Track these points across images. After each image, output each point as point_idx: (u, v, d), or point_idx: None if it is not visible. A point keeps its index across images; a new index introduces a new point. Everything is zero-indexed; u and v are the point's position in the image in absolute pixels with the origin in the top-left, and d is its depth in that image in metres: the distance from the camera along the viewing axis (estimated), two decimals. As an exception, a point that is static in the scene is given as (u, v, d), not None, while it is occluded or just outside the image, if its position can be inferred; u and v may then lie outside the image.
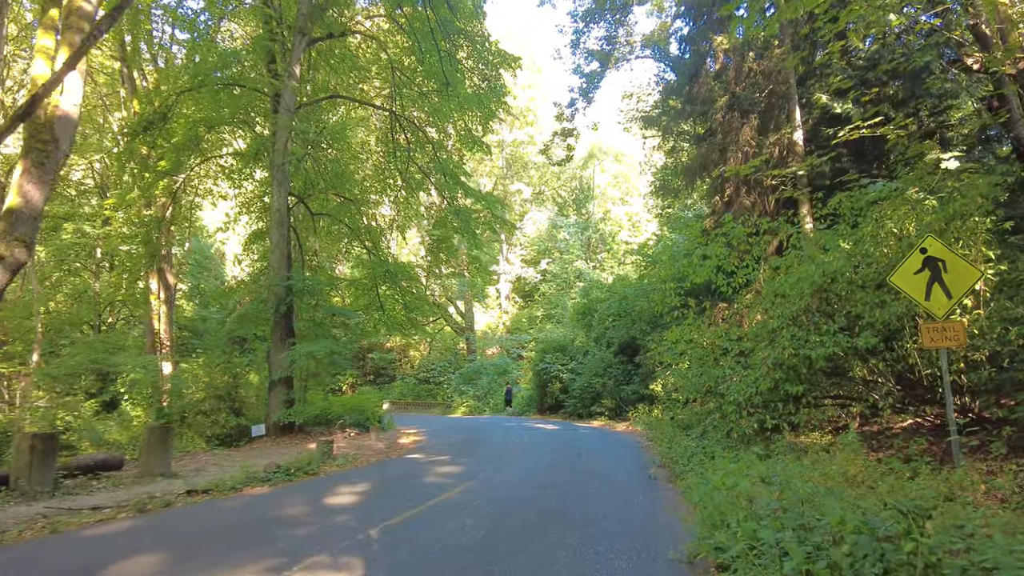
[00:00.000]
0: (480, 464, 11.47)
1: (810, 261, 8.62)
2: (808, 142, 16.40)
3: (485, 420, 27.83)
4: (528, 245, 57.23)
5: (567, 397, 25.33)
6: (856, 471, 6.32)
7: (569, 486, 8.53)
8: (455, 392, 38.41)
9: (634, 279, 27.74)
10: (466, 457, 12.94)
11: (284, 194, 18.76)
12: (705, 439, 9.26)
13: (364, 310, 24.01)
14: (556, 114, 28.57)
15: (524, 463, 11.44)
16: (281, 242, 18.65)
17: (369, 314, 22.20)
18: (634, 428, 18.16)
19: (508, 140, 47.49)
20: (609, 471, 10.10)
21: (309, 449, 14.18)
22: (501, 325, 52.36)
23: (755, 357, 8.77)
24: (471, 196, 20.51)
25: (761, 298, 9.60)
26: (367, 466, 12.35)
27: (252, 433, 16.80)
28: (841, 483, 5.88)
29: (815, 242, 9.04)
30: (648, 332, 19.06)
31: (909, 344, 8.55)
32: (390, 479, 9.87)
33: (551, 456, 12.42)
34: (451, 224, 20.97)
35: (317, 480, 9.97)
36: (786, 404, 8.23)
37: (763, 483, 6.01)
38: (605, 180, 60.27)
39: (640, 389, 21.07)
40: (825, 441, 10.28)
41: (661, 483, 8.69)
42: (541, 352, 28.41)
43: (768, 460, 7.44)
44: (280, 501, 7.79)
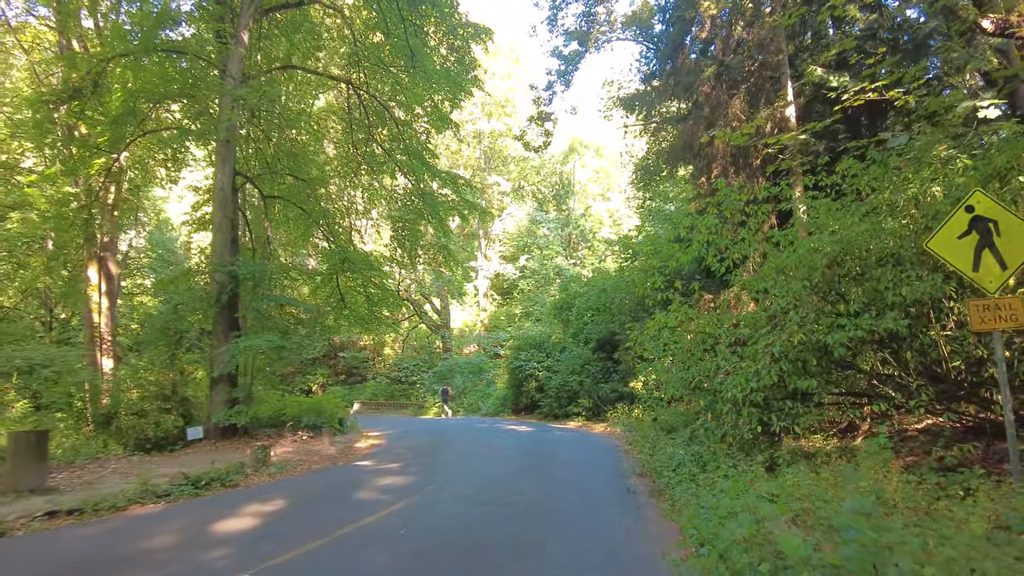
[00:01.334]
0: (434, 473, 9.89)
1: (820, 231, 7.17)
2: (801, 120, 15.12)
3: (457, 421, 26.19)
4: (507, 241, 55.69)
5: (543, 396, 23.80)
6: (892, 489, 4.85)
7: (532, 503, 6.99)
8: (428, 392, 36.69)
9: (614, 273, 26.35)
10: (422, 464, 11.34)
11: (228, 172, 16.93)
12: (695, 444, 7.79)
13: (324, 303, 22.28)
14: (533, 98, 27.07)
15: (485, 471, 9.88)
16: (224, 224, 16.82)
17: (330, 308, 20.42)
18: (612, 429, 16.70)
19: (486, 131, 45.82)
20: (581, 480, 8.60)
21: (247, 455, 12.48)
22: (479, 323, 50.74)
23: (753, 346, 7.31)
24: (438, 178, 18.86)
25: (760, 277, 8.14)
26: (304, 475, 10.68)
27: (188, 436, 14.99)
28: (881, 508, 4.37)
29: (825, 210, 7.59)
30: (628, 326, 17.62)
31: (935, 331, 7.17)
32: (318, 493, 8.24)
33: (518, 463, 10.88)
34: (416, 208, 19.30)
35: (230, 495, 8.29)
36: (793, 402, 6.76)
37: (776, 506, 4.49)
38: (586, 176, 59.00)
39: (619, 387, 19.63)
40: (830, 446, 8.89)
41: (642, 498, 7.20)
42: (516, 349, 26.84)
43: (775, 472, 5.96)
44: (157, 526, 6.13)
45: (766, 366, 6.54)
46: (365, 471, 10.82)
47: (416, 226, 19.69)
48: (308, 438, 17.30)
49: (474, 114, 44.80)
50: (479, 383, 35.67)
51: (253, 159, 20.46)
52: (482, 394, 33.77)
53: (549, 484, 8.38)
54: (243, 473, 10.60)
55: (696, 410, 8.06)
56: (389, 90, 19.23)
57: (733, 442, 7.14)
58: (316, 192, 18.77)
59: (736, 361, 7.33)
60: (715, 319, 8.41)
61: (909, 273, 6.71)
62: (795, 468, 6.40)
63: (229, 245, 16.97)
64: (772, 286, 7.43)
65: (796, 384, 6.43)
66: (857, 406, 8.78)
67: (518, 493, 7.64)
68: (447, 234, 20.07)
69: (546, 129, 27.41)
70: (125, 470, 10.23)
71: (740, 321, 8.06)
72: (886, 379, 8.50)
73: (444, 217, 19.45)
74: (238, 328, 16.61)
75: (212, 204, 17.59)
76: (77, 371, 16.75)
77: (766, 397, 6.68)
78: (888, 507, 4.61)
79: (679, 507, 5.87)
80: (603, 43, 26.21)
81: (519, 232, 55.43)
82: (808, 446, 9.21)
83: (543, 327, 33.10)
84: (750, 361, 7.03)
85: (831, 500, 4.65)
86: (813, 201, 7.61)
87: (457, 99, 18.88)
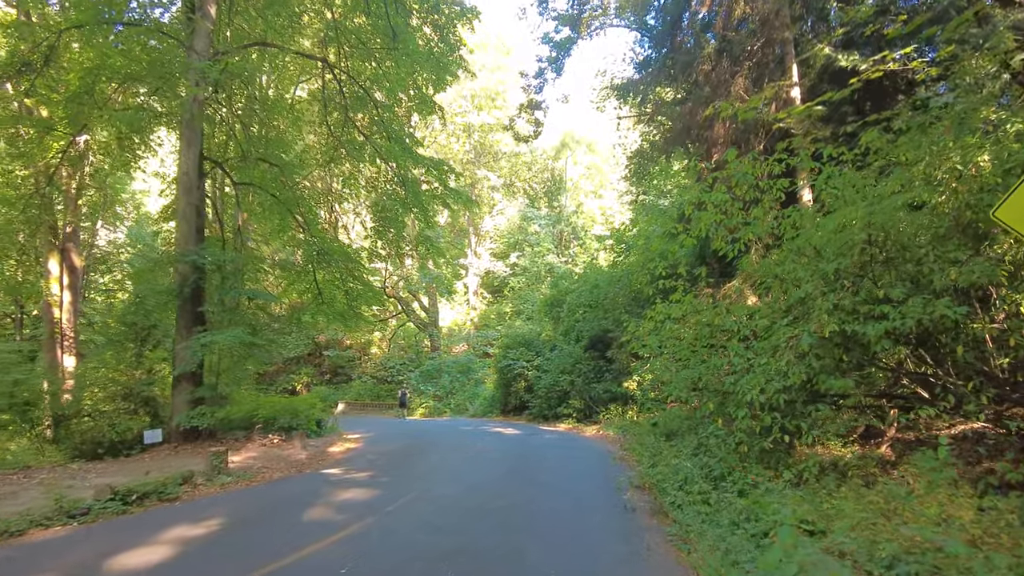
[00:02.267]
0: (404, 484, 8.77)
1: (850, 204, 6.10)
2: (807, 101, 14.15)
3: (443, 423, 25.05)
4: (498, 238, 54.58)
5: (532, 397, 22.69)
6: (968, 518, 3.79)
7: (510, 529, 5.88)
8: (414, 392, 35.48)
9: (606, 268, 25.28)
10: (393, 474, 10.21)
11: (194, 156, 15.71)
12: (704, 454, 6.71)
13: (300, 298, 21.09)
14: (523, 85, 25.94)
15: (462, 482, 8.77)
16: (189, 212, 15.61)
17: (305, 302, 19.23)
18: (605, 432, 15.62)
19: (476, 124, 44.62)
20: (571, 494, 7.50)
21: (203, 462, 11.29)
22: (469, 321, 49.61)
23: (769, 340, 6.24)
24: (421, 165, 17.69)
25: (777, 261, 7.07)
26: (260, 486, 9.53)
27: (145, 440, 13.78)
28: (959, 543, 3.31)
29: (849, 185, 6.52)
30: (624, 320, 16.53)
31: (980, 323, 6.14)
32: (264, 511, 7.08)
33: (500, 471, 9.78)
34: (398, 197, 18.12)
35: (161, 512, 7.12)
36: (821, 405, 5.70)
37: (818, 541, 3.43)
38: (578, 172, 57.93)
39: (612, 387, 18.56)
40: (849, 454, 7.85)
41: (643, 517, 6.11)
42: (505, 348, 25.70)
43: (805, 492, 4.90)
44: (40, 559, 4.97)
45: (791, 363, 5.46)
46: (330, 481, 9.67)
47: (398, 217, 18.49)
48: (280, 441, 16.12)
49: (463, 107, 43.64)
50: (467, 383, 34.52)
51: (229, 146, 19.22)
52: (470, 394, 32.64)
53: (535, 500, 7.29)
54: (192, 483, 9.44)
55: (704, 413, 6.98)
56: (371, 73, 18.06)
57: (749, 452, 6.06)
58: (291, 180, 17.52)
59: (752, 357, 6.25)
60: (724, 310, 7.33)
61: (955, 254, 5.68)
62: (825, 483, 5.34)
63: (194, 234, 15.75)
64: (792, 271, 6.36)
65: (828, 384, 5.36)
66: (879, 408, 7.74)
67: (498, 513, 6.54)
68: (431, 225, 18.90)
69: (536, 118, 26.30)
70: (54, 481, 9.02)
71: (755, 312, 6.99)
72: (916, 377, 7.48)
73: (428, 207, 18.27)
74: (203, 323, 15.40)
75: (176, 190, 16.33)
76: (21, 369, 15.38)
77: (790, 399, 5.61)
78: (966, 543, 3.55)
79: (691, 535, 4.78)
80: (596, 30, 25.13)
81: (510, 229, 54.32)
82: (825, 454, 8.18)
83: (533, 325, 32.02)
84: (768, 357, 5.96)
85: (891, 535, 3.58)
86: (830, 176, 6.52)
87: (442, 80, 17.72)
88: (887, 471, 6.78)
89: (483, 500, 7.34)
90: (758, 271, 7.50)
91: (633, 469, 9.44)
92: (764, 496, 4.91)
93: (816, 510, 4.28)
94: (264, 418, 17.64)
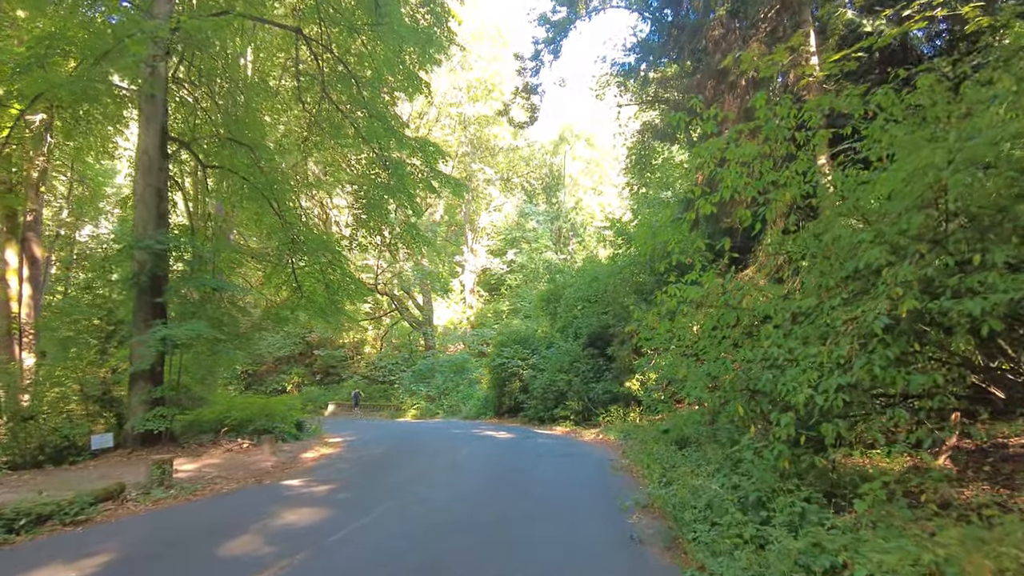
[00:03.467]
0: (364, 502, 7.37)
1: (917, 151, 4.69)
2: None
3: (432, 425, 23.63)
4: (494, 234, 53.22)
5: (527, 398, 21.28)
6: None
7: (487, 561, 4.49)
8: (406, 392, 34.07)
9: (606, 262, 23.87)
10: (358, 487, 8.82)
11: (155, 134, 14.33)
12: (733, 471, 5.29)
13: (278, 292, 19.69)
14: (518, 68, 24.57)
15: (435, 500, 7.37)
16: (148, 195, 14.21)
17: (284, 296, 17.85)
18: (605, 437, 14.20)
19: (472, 116, 43.16)
20: (564, 519, 6.10)
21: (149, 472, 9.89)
22: (465, 320, 48.23)
23: (819, 322, 4.85)
24: (405, 147, 16.28)
25: (815, 232, 5.67)
26: (202, 501, 8.13)
27: (92, 446, 12.37)
28: None
29: (907, 135, 5.09)
30: (627, 308, 15.10)
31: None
32: (175, 541, 5.66)
33: (484, 484, 8.39)
34: (380, 181, 16.71)
35: (52, 541, 5.71)
36: (897, 409, 4.30)
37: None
38: (577, 168, 56.54)
39: (613, 387, 17.15)
40: (897, 466, 6.47)
41: (653, 553, 4.72)
42: (499, 346, 24.27)
43: (881, 526, 3.49)
44: None
45: (856, 353, 4.06)
46: (284, 496, 8.28)
47: (382, 203, 17.06)
48: (249, 446, 14.73)
49: (458, 98, 42.23)
50: (462, 383, 33.08)
51: (199, 127, 17.79)
52: (464, 395, 31.20)
53: (520, 525, 5.89)
54: (121, 499, 8.04)
55: (731, 418, 5.58)
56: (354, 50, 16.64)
57: (792, 468, 4.66)
58: (266, 162, 16.10)
59: (793, 347, 4.85)
60: (752, 290, 5.92)
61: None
62: (896, 510, 3.93)
63: (155, 219, 14.33)
64: (845, 236, 4.96)
65: (912, 382, 3.95)
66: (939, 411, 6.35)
67: (471, 550, 5.14)
68: (417, 212, 17.47)
69: (532, 103, 24.95)
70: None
71: (794, 291, 5.58)
72: (988, 374, 6.09)
73: (413, 192, 16.86)
74: (164, 316, 13.98)
75: (134, 171, 14.92)
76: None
77: (853, 400, 4.20)
78: None
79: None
80: (595, 10, 23.77)
81: (507, 225, 52.96)
82: (863, 464, 6.77)
83: (530, 323, 30.63)
84: (818, 347, 4.56)
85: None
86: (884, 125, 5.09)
87: (428, 55, 16.32)
88: (959, 492, 5.40)
89: (465, 515, 5.98)
90: (794, 243, 6.09)
91: (638, 481, 8.06)
92: (827, 535, 3.51)
93: (915, 560, 2.89)
94: (237, 421, 16.30)
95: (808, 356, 4.48)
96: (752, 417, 5.17)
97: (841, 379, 4.01)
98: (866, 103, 5.31)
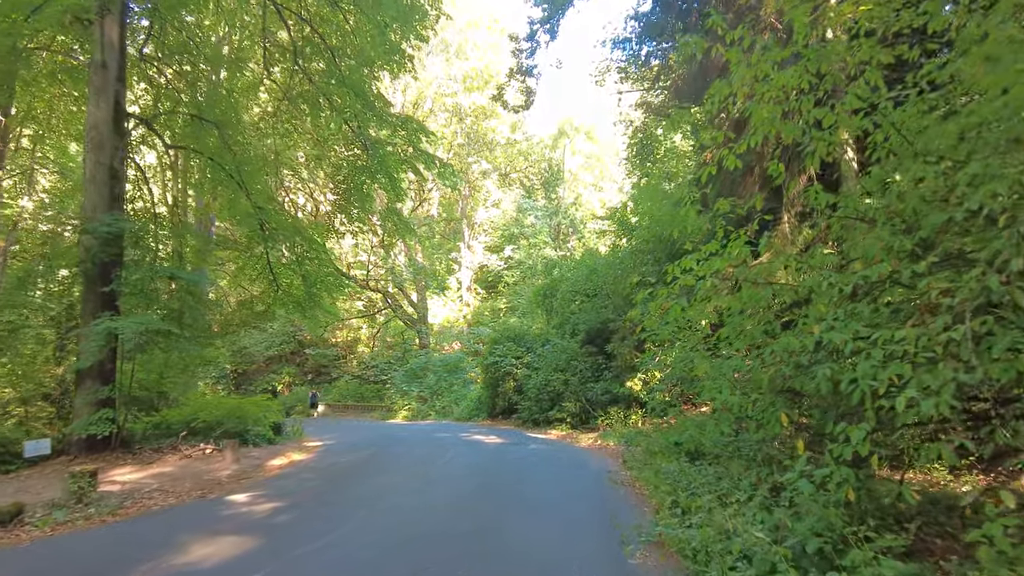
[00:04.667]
0: (306, 531, 5.99)
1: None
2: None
3: (420, 428, 22.25)
4: (492, 231, 51.85)
5: (522, 399, 19.88)
6: None
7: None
8: (397, 393, 32.69)
9: (605, 255, 22.46)
10: (308, 506, 7.45)
11: (106, 107, 12.95)
12: (776, 501, 3.89)
13: (253, 284, 18.34)
14: (512, 49, 23.17)
15: (386, 542, 5.98)
16: (99, 174, 12.84)
17: (251, 286, 16.47)
18: (604, 443, 12.80)
19: (467, 107, 41.70)
20: (547, 561, 4.72)
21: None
22: (462, 318, 46.86)
23: (890, 296, 3.47)
24: (386, 127, 14.90)
25: (888, 167, 4.29)
26: (122, 522, 6.79)
27: (25, 453, 10.98)
28: None
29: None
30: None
31: None
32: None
33: (451, 516, 7.01)
34: (360, 163, 15.32)
35: None
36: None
37: None
38: (577, 163, 55.09)
39: (613, 387, 15.75)
40: (967, 484, 5.15)
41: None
42: (492, 343, 22.88)
43: None
44: None
45: (969, 337, 2.68)
46: (219, 516, 6.92)
47: (361, 186, 15.65)
48: (213, 452, 13.36)
49: (453, 88, 40.77)
50: (455, 383, 31.66)
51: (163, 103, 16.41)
52: (457, 395, 29.79)
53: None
54: (19, 522, 6.67)
55: (763, 426, 4.18)
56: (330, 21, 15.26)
57: (861, 504, 3.27)
58: (234, 141, 14.72)
59: (860, 330, 3.46)
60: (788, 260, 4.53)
61: None
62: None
63: (107, 202, 12.97)
64: (936, 177, 3.58)
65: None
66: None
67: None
68: (400, 196, 16.06)
69: (528, 86, 23.56)
70: None
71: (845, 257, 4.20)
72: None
73: (396, 175, 15.46)
74: (114, 308, 12.59)
75: (83, 148, 13.54)
76: None
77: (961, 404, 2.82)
78: None
79: None
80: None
81: (505, 221, 51.57)
82: (926, 482, 5.41)
83: (526, 320, 29.24)
84: (904, 328, 3.17)
85: None
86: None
87: (410, 25, 14.93)
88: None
89: (418, 554, 4.61)
90: (854, 193, 4.69)
91: (642, 498, 6.67)
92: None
93: None
94: (205, 423, 14.96)
95: (889, 341, 3.10)
96: (796, 428, 3.79)
97: (963, 375, 2.63)
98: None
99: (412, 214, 40.67)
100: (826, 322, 3.80)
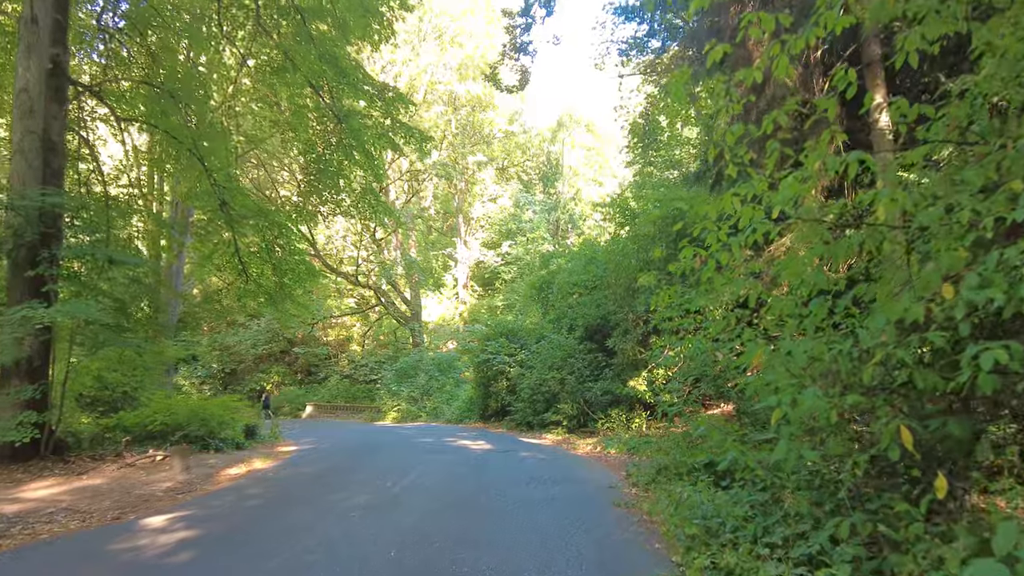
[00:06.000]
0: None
1: None
2: None
3: (406, 431, 20.67)
4: (489, 226, 50.28)
5: (515, 399, 18.31)
6: None
7: None
8: (386, 393, 31.11)
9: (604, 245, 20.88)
10: (230, 540, 5.90)
11: (38, 68, 11.38)
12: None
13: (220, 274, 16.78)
14: (506, 25, 21.60)
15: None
16: (29, 145, 11.26)
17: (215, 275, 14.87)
18: (604, 451, 11.20)
19: (463, 96, 40.05)
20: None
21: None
22: (458, 316, 45.32)
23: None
24: (363, 96, 13.33)
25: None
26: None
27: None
28: None
29: None
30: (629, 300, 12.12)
31: None
32: None
33: (417, 538, 5.44)
34: (335, 137, 13.74)
35: None
36: None
37: None
38: (577, 157, 53.45)
39: (614, 387, 14.16)
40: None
41: None
42: (483, 339, 21.29)
43: None
44: None
45: None
46: (99, 553, 5.37)
47: (332, 162, 14.05)
48: (163, 459, 11.77)
49: (446, 77, 39.13)
50: (447, 383, 30.08)
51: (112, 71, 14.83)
52: (449, 396, 28.21)
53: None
54: None
55: (890, 458, 2.62)
56: None
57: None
58: (188, 112, 13.16)
59: None
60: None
61: None
62: None
63: (40, 176, 11.38)
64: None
65: None
66: None
67: None
68: (378, 175, 14.48)
69: (522, 65, 21.96)
70: None
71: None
72: None
73: (374, 149, 13.88)
74: (45, 295, 10.98)
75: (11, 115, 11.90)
76: None
77: None
78: None
79: None
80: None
81: (502, 217, 49.98)
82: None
83: (520, 316, 27.65)
84: None
85: None
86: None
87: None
88: None
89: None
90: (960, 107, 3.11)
91: (654, 533, 5.11)
92: None
93: None
94: (161, 427, 13.41)
95: None
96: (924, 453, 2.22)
97: None
98: None
99: (405, 207, 39.09)
100: (980, 270, 2.23)
